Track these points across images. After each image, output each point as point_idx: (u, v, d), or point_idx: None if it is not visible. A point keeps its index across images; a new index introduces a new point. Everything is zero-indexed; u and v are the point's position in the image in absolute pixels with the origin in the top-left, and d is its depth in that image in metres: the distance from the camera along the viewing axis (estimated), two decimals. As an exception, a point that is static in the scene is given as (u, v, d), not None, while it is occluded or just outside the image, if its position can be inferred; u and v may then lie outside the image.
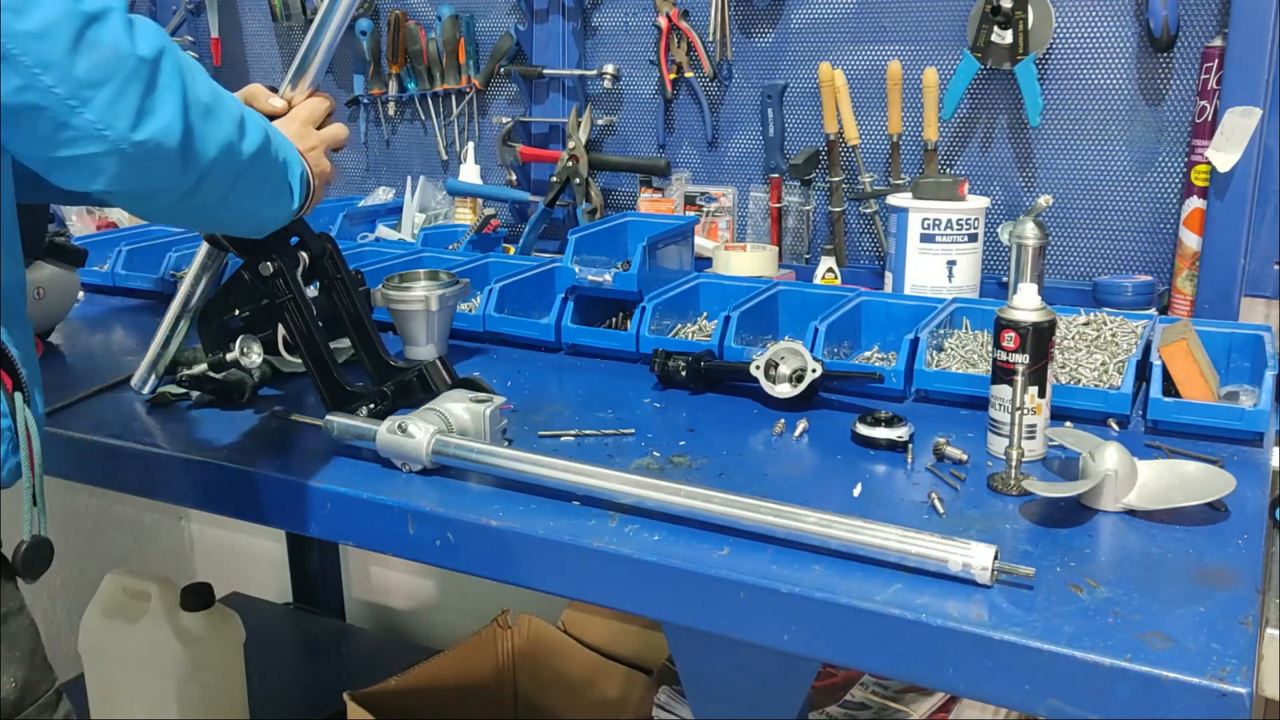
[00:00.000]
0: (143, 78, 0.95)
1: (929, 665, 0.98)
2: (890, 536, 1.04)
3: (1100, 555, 1.08)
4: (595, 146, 2.34)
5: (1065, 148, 1.95)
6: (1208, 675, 0.88)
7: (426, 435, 1.26)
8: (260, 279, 1.39)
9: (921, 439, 1.36)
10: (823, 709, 1.82)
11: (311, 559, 2.84)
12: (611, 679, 2.17)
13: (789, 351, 1.48)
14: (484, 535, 1.18)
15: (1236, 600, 0.99)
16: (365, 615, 3.04)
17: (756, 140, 2.20)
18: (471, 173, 2.41)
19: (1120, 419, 1.40)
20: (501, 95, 2.47)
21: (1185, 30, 1.81)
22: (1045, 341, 1.26)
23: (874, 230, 2.12)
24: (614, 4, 2.29)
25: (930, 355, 1.52)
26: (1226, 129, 1.71)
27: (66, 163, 0.96)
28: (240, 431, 1.44)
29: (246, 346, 1.41)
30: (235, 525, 3.06)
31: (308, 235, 1.44)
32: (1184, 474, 1.21)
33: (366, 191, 2.60)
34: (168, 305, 1.53)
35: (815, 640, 1.03)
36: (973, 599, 0.99)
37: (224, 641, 2.15)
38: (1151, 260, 1.91)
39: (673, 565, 1.08)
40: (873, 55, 2.06)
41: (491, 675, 2.28)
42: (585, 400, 1.55)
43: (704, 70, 2.19)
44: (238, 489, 1.34)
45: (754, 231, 2.23)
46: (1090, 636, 0.93)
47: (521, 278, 1.87)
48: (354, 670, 2.49)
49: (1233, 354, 1.55)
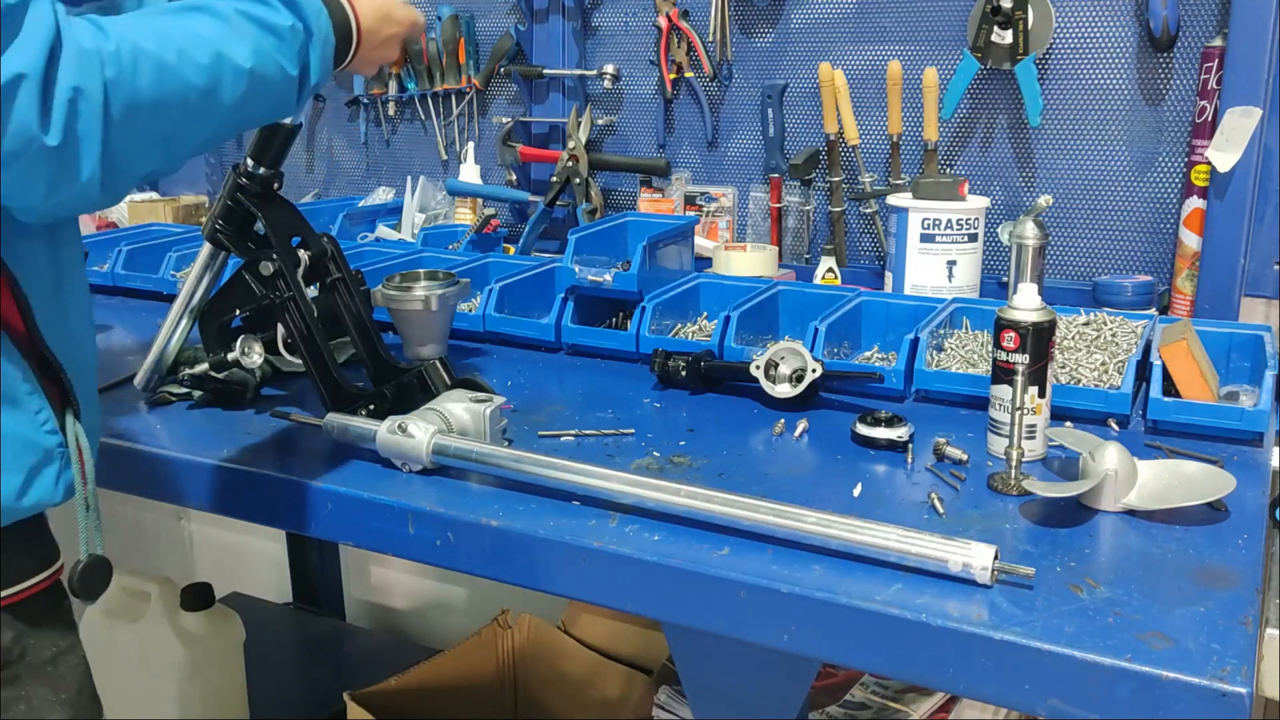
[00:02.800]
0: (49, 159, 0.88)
1: (929, 665, 0.98)
2: (891, 537, 1.04)
3: (1100, 555, 1.08)
4: (595, 146, 2.34)
5: (1065, 148, 1.95)
6: (1208, 675, 0.88)
7: (426, 435, 1.26)
8: (261, 279, 1.39)
9: (921, 439, 1.36)
10: (823, 709, 1.82)
11: (311, 559, 2.84)
12: (611, 679, 2.16)
13: (789, 351, 1.48)
14: (484, 535, 1.18)
15: (1236, 600, 0.99)
16: (365, 615, 3.04)
17: (756, 140, 2.20)
18: (471, 173, 2.41)
19: (1120, 419, 1.40)
20: (501, 95, 2.47)
21: (1185, 30, 1.81)
22: (1045, 341, 1.26)
23: (874, 230, 2.12)
24: (614, 4, 2.29)
25: (930, 355, 1.52)
26: (1226, 129, 1.71)
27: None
28: (241, 431, 1.44)
29: (248, 346, 1.41)
30: (235, 525, 3.06)
31: (309, 235, 1.44)
32: (1184, 474, 1.21)
33: (366, 191, 2.60)
34: (168, 304, 1.53)
35: (815, 640, 1.03)
36: (973, 599, 0.99)
37: (224, 641, 2.15)
38: (1151, 260, 1.91)
39: (673, 565, 1.08)
40: (873, 55, 2.06)
41: (491, 675, 2.28)
42: (585, 400, 1.55)
43: (704, 70, 2.19)
44: (238, 489, 1.34)
45: (754, 231, 2.23)
46: (1090, 636, 0.93)
47: (521, 278, 1.87)
48: (354, 670, 2.49)
49: (1233, 354, 1.55)
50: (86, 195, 0.92)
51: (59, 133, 0.87)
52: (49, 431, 1.02)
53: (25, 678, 1.03)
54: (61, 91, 0.87)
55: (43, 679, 1.04)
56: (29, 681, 1.03)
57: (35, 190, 0.89)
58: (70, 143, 0.88)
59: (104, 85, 0.89)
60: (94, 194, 0.93)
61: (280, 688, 2.44)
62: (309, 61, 1.09)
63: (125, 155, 0.93)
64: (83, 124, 0.88)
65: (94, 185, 0.91)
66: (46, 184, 0.89)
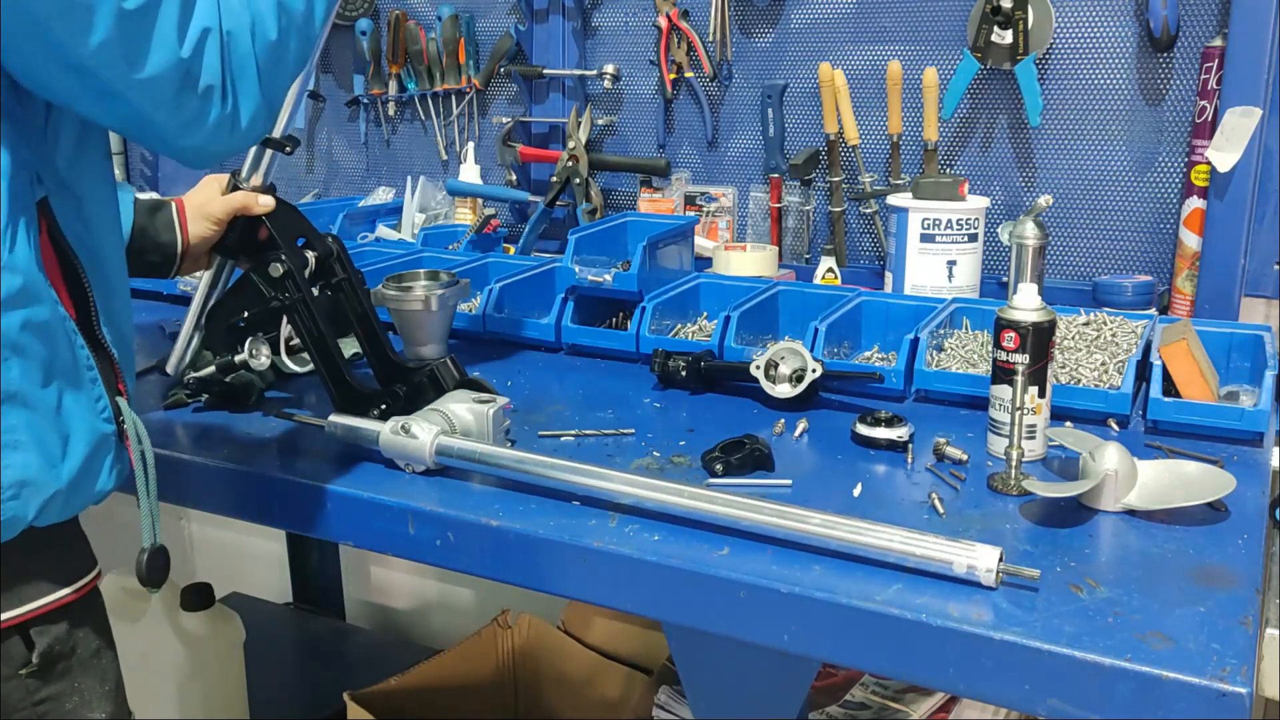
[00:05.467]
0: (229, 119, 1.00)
1: (929, 665, 0.98)
2: (895, 538, 1.04)
3: (1100, 555, 1.08)
4: (595, 146, 2.34)
5: (1065, 148, 1.95)
6: (1208, 675, 0.88)
7: (430, 436, 1.26)
8: (269, 280, 1.39)
9: (921, 439, 1.36)
10: (823, 709, 1.82)
11: (311, 559, 2.84)
12: (611, 679, 2.16)
13: (789, 351, 1.48)
14: (484, 535, 1.18)
15: (1236, 600, 0.99)
16: (365, 615, 3.04)
17: (756, 140, 2.20)
18: (471, 173, 2.41)
19: (1120, 419, 1.40)
20: (501, 95, 2.47)
21: (1185, 30, 1.81)
22: (1045, 341, 1.26)
23: (874, 230, 2.12)
24: (614, 4, 2.29)
25: (930, 355, 1.52)
26: (1226, 129, 1.71)
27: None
28: (244, 432, 1.44)
29: (255, 349, 1.41)
30: (235, 525, 3.06)
31: (314, 236, 1.44)
32: (1184, 474, 1.21)
33: (366, 191, 2.60)
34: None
35: (815, 640, 1.03)
36: (973, 599, 0.99)
37: (224, 641, 2.15)
38: (1151, 260, 1.91)
39: (673, 565, 1.08)
40: (873, 55, 2.06)
41: (491, 675, 2.28)
42: (585, 400, 1.55)
43: (704, 70, 2.19)
44: (239, 489, 1.34)
45: (754, 231, 2.23)
46: (1090, 636, 0.93)
47: (521, 278, 1.87)
48: (354, 670, 2.49)
49: (1233, 354, 1.55)
50: (252, 130, 1.03)
51: (228, 74, 0.99)
52: (106, 419, 1.03)
53: (77, 670, 1.05)
54: (224, 39, 0.98)
55: (91, 671, 1.06)
56: (80, 674, 1.05)
57: (219, 136, 1.00)
58: (233, 83, 0.99)
59: (250, 26, 1.00)
60: (260, 126, 1.04)
61: (280, 688, 2.44)
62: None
63: (275, 85, 1.04)
64: (238, 65, 0.99)
65: (259, 119, 1.03)
66: (224, 126, 1.00)
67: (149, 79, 0.93)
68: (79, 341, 1.00)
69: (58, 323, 0.98)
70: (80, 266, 1.02)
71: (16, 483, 0.94)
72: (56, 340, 0.97)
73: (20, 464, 0.95)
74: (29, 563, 0.99)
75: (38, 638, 1.00)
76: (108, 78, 0.92)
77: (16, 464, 0.94)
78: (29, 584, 1.00)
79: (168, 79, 0.94)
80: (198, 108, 0.97)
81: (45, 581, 1.01)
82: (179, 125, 0.98)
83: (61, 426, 0.98)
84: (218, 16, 0.97)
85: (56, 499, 0.98)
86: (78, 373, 1.00)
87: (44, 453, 0.96)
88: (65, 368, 0.98)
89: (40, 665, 1.01)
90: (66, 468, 0.98)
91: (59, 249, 1.00)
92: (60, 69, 0.90)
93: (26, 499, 0.95)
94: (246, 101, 1.01)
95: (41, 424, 0.96)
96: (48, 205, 0.99)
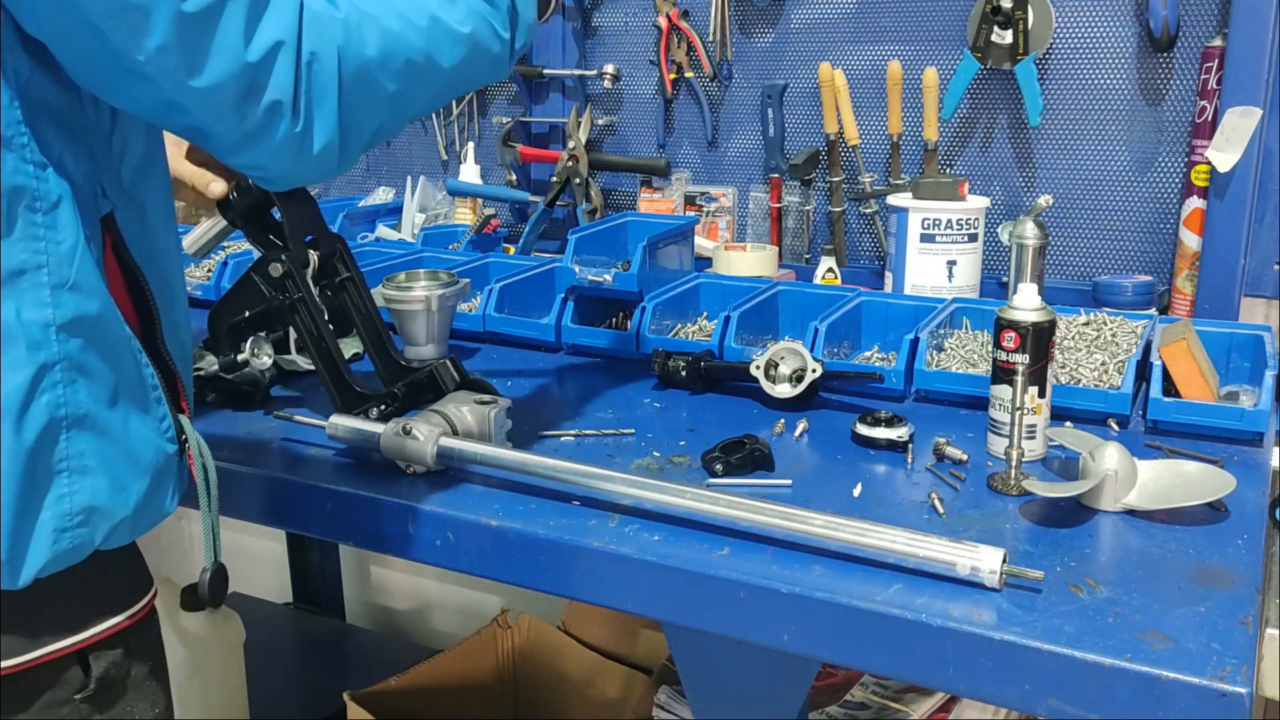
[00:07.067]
0: (298, 139, 0.95)
1: (929, 665, 0.98)
2: (897, 540, 1.03)
3: (1100, 555, 1.08)
4: (595, 146, 2.34)
5: (1065, 148, 1.95)
6: (1208, 675, 0.88)
7: (431, 437, 1.26)
8: (270, 280, 1.38)
9: (921, 439, 1.36)
10: (823, 709, 1.82)
11: (311, 559, 2.84)
12: (611, 679, 2.16)
13: (789, 351, 1.48)
14: (484, 535, 1.18)
15: (1236, 600, 0.99)
16: (365, 615, 3.04)
17: (756, 140, 2.20)
18: (471, 173, 2.41)
19: (1120, 419, 1.40)
20: (501, 95, 2.47)
21: (1185, 30, 1.81)
22: (1045, 341, 1.26)
23: (874, 230, 2.12)
24: (614, 4, 2.29)
25: (930, 355, 1.52)
26: (1226, 129, 1.71)
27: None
28: (244, 432, 1.44)
29: (258, 348, 1.40)
30: (235, 525, 3.04)
31: (322, 234, 1.43)
32: (1184, 474, 1.21)
33: (366, 191, 2.60)
34: (196, 307, 1.50)
35: (815, 640, 1.03)
36: (973, 599, 0.99)
37: (224, 641, 2.15)
38: (1151, 260, 1.91)
39: (673, 565, 1.08)
40: (873, 55, 2.06)
41: (491, 675, 2.29)
42: (585, 400, 1.55)
43: (704, 70, 2.19)
44: (239, 489, 1.34)
45: (754, 231, 2.23)
46: (1090, 636, 0.93)
47: (521, 278, 1.87)
48: (354, 670, 2.49)
49: (1233, 354, 1.55)
50: (324, 159, 0.98)
51: (301, 93, 0.93)
52: (169, 439, 1.00)
53: (131, 694, 1.02)
54: (303, 56, 0.92)
55: (144, 694, 1.04)
56: (133, 698, 1.02)
57: (284, 155, 0.95)
58: (309, 106, 0.94)
59: (338, 51, 0.94)
60: (332, 158, 0.98)
61: (280, 688, 2.44)
62: (519, 24, 1.14)
63: (356, 118, 0.98)
64: (318, 87, 0.94)
65: (332, 149, 0.97)
66: (291, 145, 0.94)
67: (209, 88, 0.88)
68: (144, 360, 0.97)
69: (124, 342, 0.94)
70: (144, 280, 0.99)
71: (85, 509, 0.91)
72: (122, 360, 0.94)
73: (89, 489, 0.91)
74: (89, 587, 0.96)
75: (95, 662, 0.97)
76: (166, 86, 0.87)
77: (85, 489, 0.91)
78: (89, 608, 0.97)
79: (229, 89, 0.89)
80: (262, 121, 0.92)
81: (105, 605, 0.98)
82: (240, 137, 0.93)
83: (129, 449, 0.94)
84: (296, 31, 0.91)
85: (124, 524, 0.95)
86: (144, 392, 0.97)
87: (112, 477, 0.93)
88: (131, 387, 0.95)
89: (96, 690, 0.97)
90: (134, 492, 0.95)
91: (123, 264, 0.97)
92: (124, 73, 0.86)
93: (95, 525, 0.92)
94: (322, 127, 0.95)
95: (109, 448, 0.93)
96: (113, 220, 0.96)
